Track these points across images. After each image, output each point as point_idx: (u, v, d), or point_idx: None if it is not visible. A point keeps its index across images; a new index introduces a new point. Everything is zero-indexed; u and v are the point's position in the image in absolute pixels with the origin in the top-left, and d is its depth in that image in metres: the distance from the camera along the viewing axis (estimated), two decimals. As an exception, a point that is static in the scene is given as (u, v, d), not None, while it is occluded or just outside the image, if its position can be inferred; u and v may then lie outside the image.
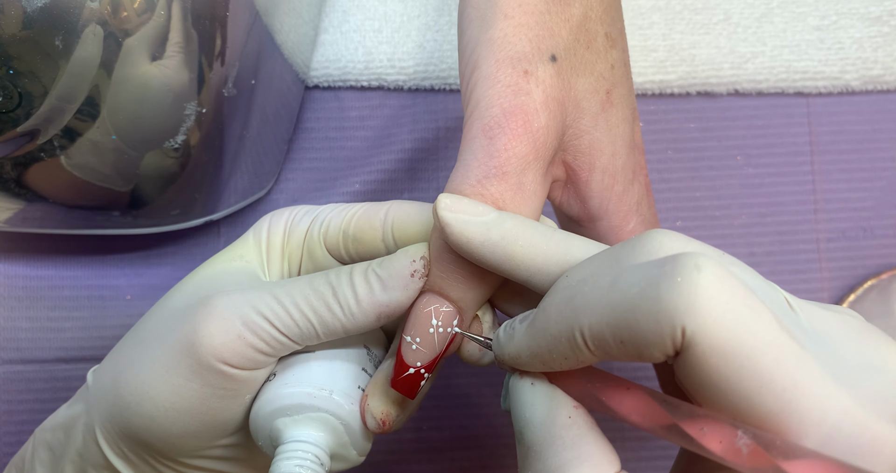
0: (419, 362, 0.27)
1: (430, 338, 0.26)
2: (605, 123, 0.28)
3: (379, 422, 0.28)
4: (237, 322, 0.26)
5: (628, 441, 0.43)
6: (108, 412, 0.28)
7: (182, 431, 0.27)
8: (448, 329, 0.27)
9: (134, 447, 0.28)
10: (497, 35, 0.27)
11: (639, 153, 0.30)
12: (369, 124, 0.43)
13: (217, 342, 0.26)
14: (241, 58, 0.35)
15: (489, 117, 0.26)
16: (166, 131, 0.34)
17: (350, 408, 0.28)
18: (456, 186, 0.26)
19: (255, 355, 0.27)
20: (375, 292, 0.26)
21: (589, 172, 0.28)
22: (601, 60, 0.28)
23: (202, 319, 0.26)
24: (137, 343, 0.28)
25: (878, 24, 0.43)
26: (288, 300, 0.27)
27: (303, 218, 0.30)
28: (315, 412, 0.27)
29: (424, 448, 0.42)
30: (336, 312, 0.26)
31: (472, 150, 0.26)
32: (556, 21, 0.27)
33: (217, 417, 0.28)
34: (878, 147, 0.44)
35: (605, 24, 0.29)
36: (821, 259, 0.43)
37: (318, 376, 0.28)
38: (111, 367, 0.29)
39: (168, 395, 0.27)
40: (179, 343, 0.26)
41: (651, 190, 0.31)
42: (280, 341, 0.27)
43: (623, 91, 0.29)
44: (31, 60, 0.30)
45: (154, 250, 0.42)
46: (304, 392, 0.27)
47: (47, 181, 0.35)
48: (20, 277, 0.41)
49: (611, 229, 0.29)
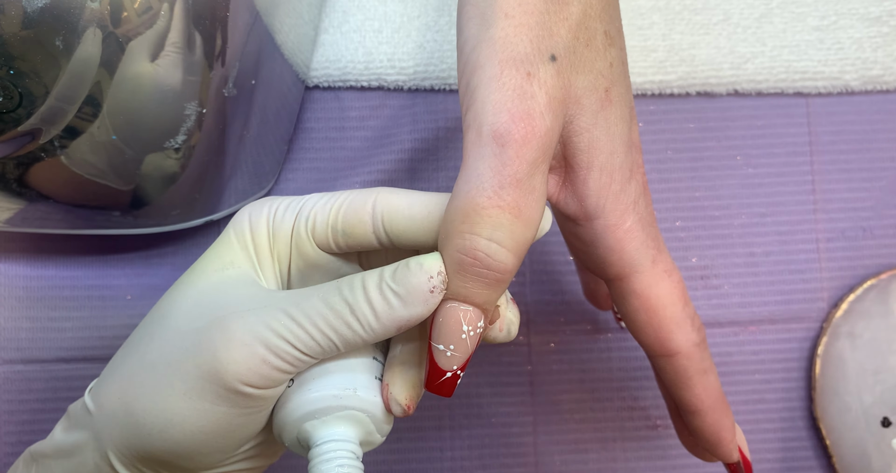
0: (455, 366, 0.27)
1: (462, 343, 0.27)
2: (603, 122, 0.28)
3: (405, 407, 0.29)
4: (259, 348, 0.26)
5: (628, 440, 0.43)
6: (124, 439, 0.28)
7: (209, 450, 0.28)
8: (477, 331, 0.27)
9: (155, 466, 0.29)
10: (498, 34, 0.27)
11: (636, 152, 0.30)
12: (369, 124, 0.43)
13: (243, 369, 0.26)
14: (242, 58, 0.35)
15: (499, 123, 0.26)
16: (167, 131, 0.34)
17: (374, 400, 0.29)
18: (472, 197, 0.26)
19: (279, 375, 0.27)
20: (395, 310, 0.26)
21: (587, 171, 0.29)
22: (600, 58, 0.28)
23: (222, 346, 0.26)
24: (147, 368, 0.28)
25: (877, 24, 0.44)
26: (306, 321, 0.27)
27: (285, 214, 0.30)
28: (343, 410, 0.28)
29: (424, 448, 0.42)
30: (357, 330, 0.27)
31: (484, 157, 0.26)
32: (555, 20, 0.27)
33: (242, 432, 0.28)
34: (877, 147, 0.44)
35: (604, 22, 0.29)
36: (820, 259, 0.43)
37: (339, 377, 0.28)
38: (117, 392, 0.29)
39: (195, 420, 0.27)
40: (200, 370, 0.27)
41: (648, 189, 0.31)
42: (302, 360, 0.27)
43: (621, 89, 0.29)
44: (32, 60, 0.30)
45: (154, 250, 0.42)
46: (330, 395, 0.28)
47: (48, 181, 0.35)
48: (21, 277, 0.41)
49: (607, 227, 0.29)
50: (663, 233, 0.43)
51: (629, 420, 0.43)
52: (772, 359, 0.43)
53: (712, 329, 0.43)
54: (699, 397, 0.31)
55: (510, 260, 0.26)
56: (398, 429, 0.42)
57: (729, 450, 0.33)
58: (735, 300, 0.43)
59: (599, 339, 0.43)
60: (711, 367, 0.32)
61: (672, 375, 0.32)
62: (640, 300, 0.30)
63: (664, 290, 0.30)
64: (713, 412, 0.32)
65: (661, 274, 0.30)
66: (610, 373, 0.43)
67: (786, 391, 0.43)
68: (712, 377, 0.32)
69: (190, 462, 0.28)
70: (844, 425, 0.41)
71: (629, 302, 0.31)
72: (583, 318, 0.43)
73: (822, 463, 0.43)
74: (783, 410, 0.43)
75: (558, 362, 0.43)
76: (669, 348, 0.31)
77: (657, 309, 0.30)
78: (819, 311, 0.43)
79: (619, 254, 0.30)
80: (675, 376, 0.31)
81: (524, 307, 0.43)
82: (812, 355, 0.43)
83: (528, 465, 0.42)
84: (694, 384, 0.31)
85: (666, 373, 0.32)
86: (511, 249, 0.26)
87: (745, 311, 0.43)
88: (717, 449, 0.33)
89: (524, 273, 0.43)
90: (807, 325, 0.43)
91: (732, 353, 0.43)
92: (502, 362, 0.43)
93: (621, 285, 0.30)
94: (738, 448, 0.33)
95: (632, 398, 0.43)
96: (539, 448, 0.42)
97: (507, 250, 0.26)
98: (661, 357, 0.31)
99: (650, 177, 0.43)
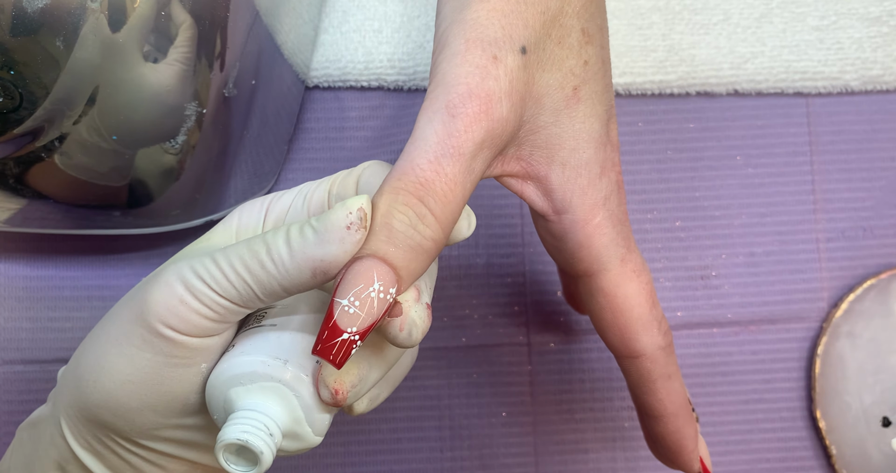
0: (354, 327, 0.24)
1: (369, 302, 0.24)
2: (567, 119, 0.28)
3: (331, 391, 0.26)
4: (179, 288, 0.26)
5: (628, 440, 0.43)
6: (70, 397, 0.28)
7: (139, 404, 0.27)
8: (387, 296, 0.25)
9: (95, 431, 0.28)
10: (470, 16, 0.27)
11: (611, 150, 0.30)
12: (369, 125, 0.43)
13: (161, 308, 0.26)
14: (242, 58, 0.35)
15: (455, 95, 0.26)
16: (167, 132, 0.34)
17: (305, 380, 0.26)
18: (414, 157, 0.26)
19: (201, 320, 0.26)
20: (309, 246, 0.25)
21: (547, 167, 0.28)
22: (573, 56, 0.28)
23: (150, 288, 0.26)
24: (99, 325, 0.28)
25: (877, 24, 0.44)
26: (224, 262, 0.26)
27: (283, 196, 0.30)
28: (268, 381, 0.26)
29: (424, 448, 0.42)
30: (270, 269, 0.25)
31: (433, 123, 0.26)
32: (531, 12, 0.27)
33: (173, 388, 0.27)
34: (877, 147, 0.44)
35: (583, 19, 0.28)
36: (820, 259, 0.43)
37: (274, 345, 0.27)
38: (74, 355, 0.29)
39: (123, 366, 0.27)
40: (131, 313, 0.26)
41: (623, 188, 0.31)
42: (221, 304, 0.26)
43: (596, 87, 0.29)
44: (33, 61, 0.30)
45: (155, 250, 0.42)
46: (258, 360, 0.26)
47: (48, 181, 0.35)
48: (21, 277, 0.41)
49: (576, 222, 0.29)
50: (663, 233, 0.43)
51: (629, 420, 0.43)
52: (772, 359, 0.43)
53: (712, 329, 0.43)
54: (662, 402, 0.31)
55: (436, 228, 0.25)
56: (398, 429, 0.42)
57: (689, 460, 0.32)
58: (735, 299, 0.43)
59: (599, 339, 0.43)
60: (676, 372, 0.31)
61: (636, 377, 0.31)
62: (606, 299, 0.30)
63: (632, 290, 0.30)
64: (675, 419, 0.31)
65: (629, 274, 0.30)
66: (610, 373, 0.43)
67: (786, 390, 0.43)
68: (677, 383, 0.31)
69: (124, 421, 0.27)
70: (844, 424, 0.41)
71: (596, 300, 0.30)
72: (583, 318, 0.43)
73: (822, 463, 0.43)
74: (783, 410, 0.43)
75: (558, 362, 0.43)
76: (634, 349, 0.30)
77: (623, 309, 0.30)
78: (819, 311, 0.43)
79: (588, 250, 0.29)
80: (638, 378, 0.31)
81: (524, 307, 0.43)
82: (812, 355, 0.43)
83: (528, 465, 0.42)
84: (657, 389, 0.31)
85: (630, 375, 0.31)
86: (439, 219, 0.25)
87: (745, 311, 0.43)
88: (678, 457, 0.32)
89: (524, 273, 0.43)
90: (807, 325, 0.43)
91: (732, 353, 0.43)
92: (502, 362, 0.43)
93: (589, 282, 0.30)
94: (699, 459, 0.32)
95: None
96: (539, 448, 0.42)
97: (435, 219, 0.25)
98: (626, 359, 0.31)
99: (650, 177, 0.43)
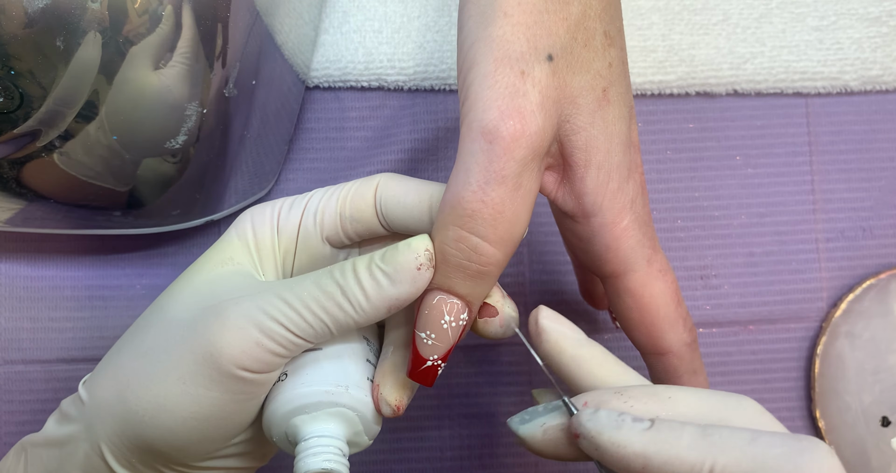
0: (435, 355, 0.28)
1: (443, 333, 0.28)
2: (601, 121, 0.29)
3: (394, 408, 0.29)
4: (254, 330, 0.27)
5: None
6: (116, 428, 0.28)
7: (201, 437, 0.28)
8: (459, 322, 0.28)
9: (146, 458, 0.29)
10: (496, 33, 0.27)
11: (635, 152, 0.31)
12: (369, 125, 0.43)
13: (237, 351, 0.27)
14: (242, 58, 0.35)
15: (489, 120, 0.26)
16: (167, 132, 0.34)
17: (365, 400, 0.29)
18: (458, 191, 0.27)
19: (273, 358, 0.27)
20: (384, 288, 0.27)
21: (584, 169, 0.29)
22: (599, 58, 0.28)
23: (217, 329, 0.27)
24: (141, 356, 0.29)
25: (876, 24, 0.44)
26: (298, 303, 0.27)
27: (291, 210, 0.31)
28: (333, 407, 0.28)
29: (424, 448, 0.42)
30: (347, 310, 0.27)
31: (472, 152, 0.27)
32: (554, 20, 0.27)
33: (234, 420, 0.28)
34: (876, 147, 0.44)
35: (604, 22, 0.29)
36: (820, 259, 0.43)
37: (332, 374, 0.29)
38: (111, 381, 0.29)
39: (188, 405, 0.27)
40: (195, 355, 0.27)
41: (646, 189, 0.31)
42: (295, 342, 0.28)
43: (620, 89, 0.29)
44: (33, 61, 0.30)
45: (155, 250, 0.42)
46: (321, 391, 0.28)
47: (48, 181, 0.35)
48: (21, 277, 0.41)
49: (604, 225, 0.30)
50: (663, 233, 0.43)
51: (629, 420, 0.43)
52: (771, 359, 0.43)
53: (712, 329, 0.43)
54: None
55: (492, 254, 0.27)
56: (398, 429, 0.42)
57: None
58: (735, 299, 0.43)
59: (598, 339, 0.43)
60: (701, 368, 0.32)
61: (662, 374, 0.32)
62: (633, 299, 0.31)
63: (658, 289, 0.31)
64: None
65: (655, 274, 0.31)
66: (610, 373, 0.43)
67: (785, 390, 0.43)
68: (702, 377, 0.32)
69: (180, 452, 0.28)
70: (844, 424, 0.42)
71: (623, 300, 0.31)
72: (582, 318, 0.43)
73: (822, 463, 0.43)
74: (783, 409, 0.43)
75: (558, 362, 0.43)
76: (661, 347, 0.31)
77: (650, 308, 0.31)
78: (818, 311, 0.43)
79: (615, 252, 0.30)
80: (664, 375, 0.32)
81: (523, 307, 0.43)
82: (811, 354, 0.43)
83: (528, 465, 0.42)
84: (683, 384, 0.32)
85: (656, 372, 0.32)
86: (494, 243, 0.27)
87: (744, 311, 0.43)
88: None
89: (524, 273, 0.43)
90: (806, 325, 0.43)
91: (732, 353, 0.43)
92: (502, 362, 0.43)
93: (616, 282, 0.31)
94: None
95: (631, 398, 0.43)
96: (539, 448, 0.42)
97: (489, 245, 0.27)
98: (653, 356, 0.32)
99: (650, 177, 0.43)
